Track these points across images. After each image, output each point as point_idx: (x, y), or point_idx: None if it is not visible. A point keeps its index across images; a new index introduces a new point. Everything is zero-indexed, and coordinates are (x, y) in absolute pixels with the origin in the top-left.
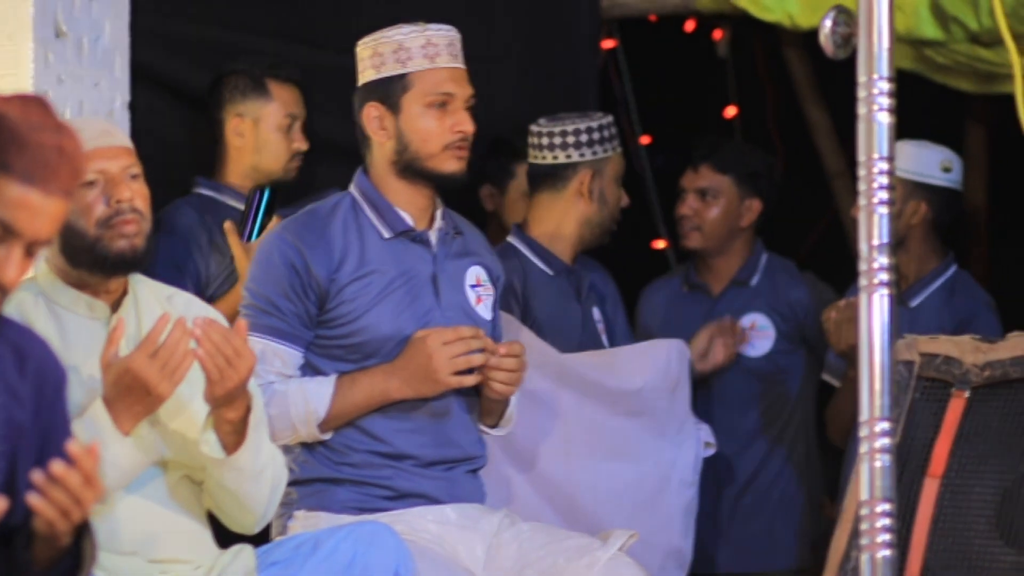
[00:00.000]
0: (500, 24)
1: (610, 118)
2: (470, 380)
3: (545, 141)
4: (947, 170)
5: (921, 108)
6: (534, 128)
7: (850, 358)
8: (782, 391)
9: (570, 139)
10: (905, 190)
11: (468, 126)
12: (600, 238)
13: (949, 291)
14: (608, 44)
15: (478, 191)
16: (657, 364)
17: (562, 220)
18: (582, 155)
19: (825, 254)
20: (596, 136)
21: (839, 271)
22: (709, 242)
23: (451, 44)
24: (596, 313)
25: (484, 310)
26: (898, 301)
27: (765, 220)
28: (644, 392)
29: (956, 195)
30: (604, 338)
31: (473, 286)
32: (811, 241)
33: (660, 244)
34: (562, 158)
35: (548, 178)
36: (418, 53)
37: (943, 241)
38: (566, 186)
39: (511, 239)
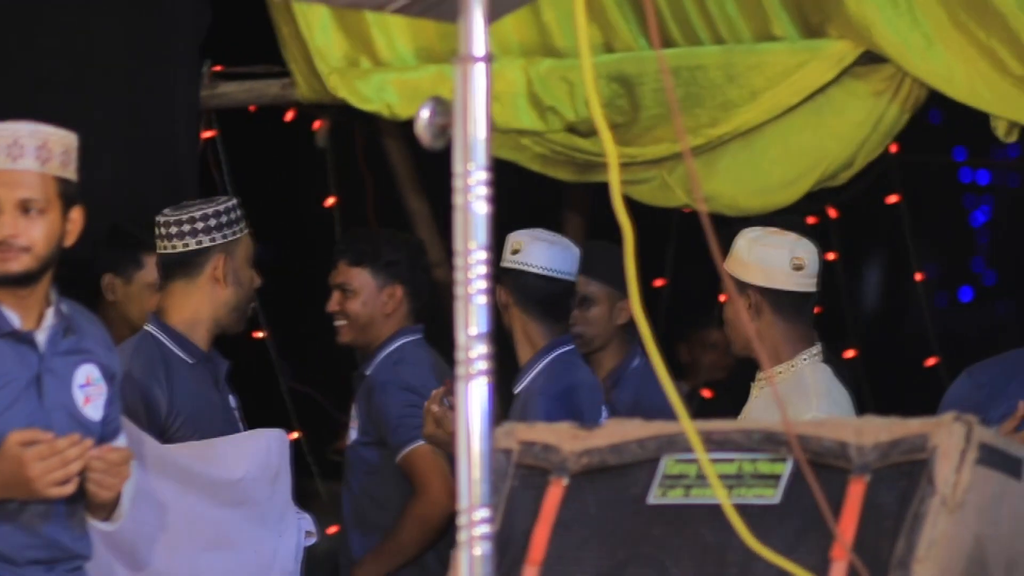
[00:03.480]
0: (99, 112)
1: (235, 201)
2: (70, 489)
3: (174, 230)
4: (516, 252)
5: (520, 198)
6: (160, 219)
7: (445, 446)
8: (372, 481)
9: (199, 225)
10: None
11: (4, 231)
12: (238, 322)
13: (548, 373)
14: (207, 134)
15: (100, 280)
16: (257, 454)
17: (199, 307)
18: (213, 239)
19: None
20: (224, 219)
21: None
22: (357, 334)
23: (12, 146)
24: (233, 401)
25: (93, 410)
26: (505, 387)
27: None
28: (244, 482)
29: (538, 275)
30: (241, 426)
31: (83, 386)
32: None
33: (260, 335)
34: (193, 245)
35: (181, 266)
36: None
37: (555, 321)
38: (200, 272)
39: (149, 328)
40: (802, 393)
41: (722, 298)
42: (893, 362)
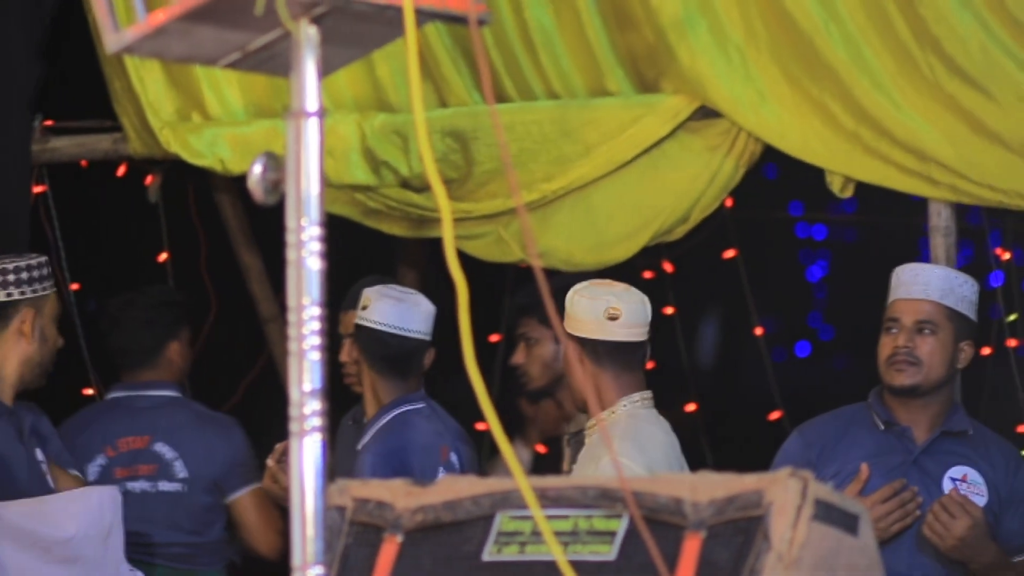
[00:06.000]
0: None
1: (45, 258)
2: None
3: None
4: (364, 308)
5: (355, 253)
6: None
7: (282, 500)
8: None
9: (10, 277)
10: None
11: None
12: (40, 378)
13: (384, 431)
14: (38, 189)
15: None
16: (89, 511)
17: (3, 361)
18: (23, 293)
19: (259, 399)
20: (36, 274)
21: (273, 416)
22: None
23: None
24: (39, 454)
25: None
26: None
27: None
28: (76, 539)
29: (383, 332)
30: (49, 478)
31: None
32: (245, 386)
33: (89, 391)
34: (2, 296)
35: None
36: None
37: (402, 379)
38: (7, 325)
39: None
40: (611, 440)
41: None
42: (732, 417)
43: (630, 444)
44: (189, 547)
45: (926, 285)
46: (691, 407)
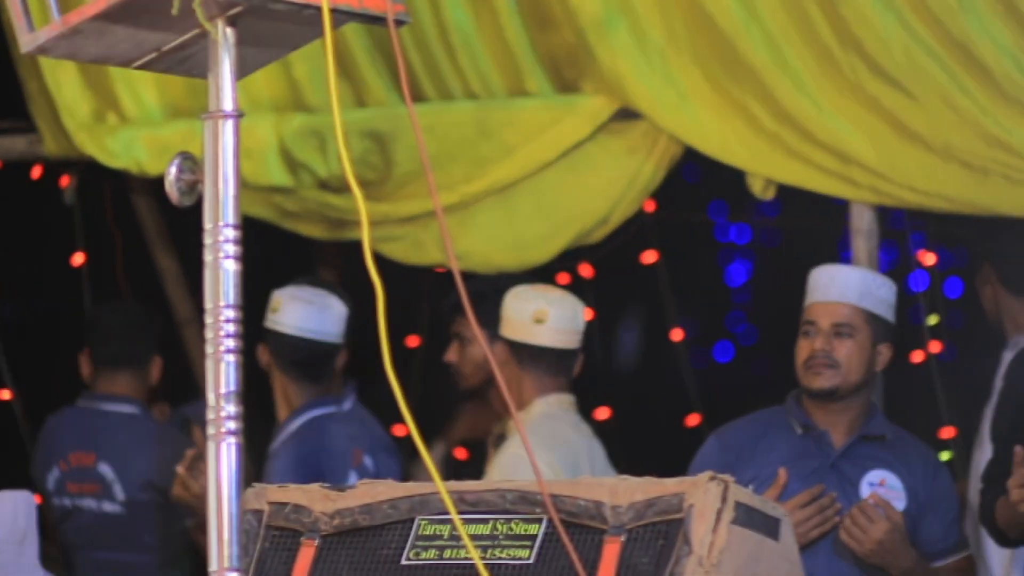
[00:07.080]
0: None
1: None
2: None
3: None
4: (274, 311)
5: (272, 255)
6: None
7: (193, 508)
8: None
9: None
10: None
11: None
12: None
13: (296, 436)
14: None
15: None
16: (3, 516)
17: None
18: None
19: (175, 401)
20: None
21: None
22: None
23: None
24: None
25: None
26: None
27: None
28: None
29: (293, 336)
30: None
31: None
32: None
33: (5, 395)
34: None
35: None
36: None
37: (313, 382)
38: None
39: None
40: (514, 434)
41: None
42: (650, 422)
43: (533, 439)
44: (137, 564)
45: (843, 288)
46: (605, 413)
